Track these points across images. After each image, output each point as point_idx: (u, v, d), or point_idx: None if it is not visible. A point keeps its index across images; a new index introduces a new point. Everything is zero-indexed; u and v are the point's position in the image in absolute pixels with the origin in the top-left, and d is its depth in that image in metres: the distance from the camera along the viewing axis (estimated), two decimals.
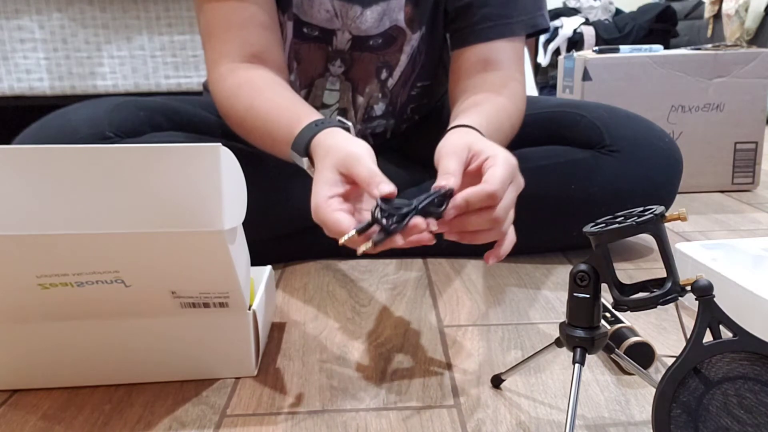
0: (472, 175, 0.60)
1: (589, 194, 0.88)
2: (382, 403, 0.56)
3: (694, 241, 0.79)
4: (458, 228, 0.57)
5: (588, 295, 0.47)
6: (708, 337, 0.41)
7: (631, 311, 0.46)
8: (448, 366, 0.62)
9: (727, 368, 0.41)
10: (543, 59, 3.22)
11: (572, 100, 1.01)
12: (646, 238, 1.00)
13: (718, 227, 1.07)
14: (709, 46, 1.37)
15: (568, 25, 3.16)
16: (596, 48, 1.39)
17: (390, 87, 0.94)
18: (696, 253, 0.75)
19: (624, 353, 0.59)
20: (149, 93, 1.48)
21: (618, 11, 3.32)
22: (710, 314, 0.41)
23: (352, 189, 0.59)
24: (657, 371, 0.60)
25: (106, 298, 0.55)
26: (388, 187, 0.57)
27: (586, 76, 1.29)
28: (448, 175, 0.56)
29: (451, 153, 0.59)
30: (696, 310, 0.42)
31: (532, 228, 0.92)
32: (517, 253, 0.94)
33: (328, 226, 0.58)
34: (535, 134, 0.95)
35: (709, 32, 3.11)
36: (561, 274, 0.87)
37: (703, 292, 0.41)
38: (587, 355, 0.48)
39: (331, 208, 0.57)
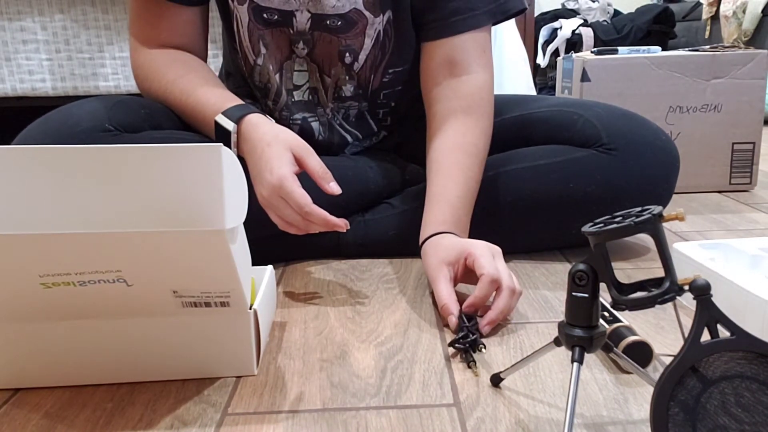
0: (465, 273, 0.75)
1: (587, 193, 0.88)
2: (382, 402, 0.57)
3: (692, 241, 0.79)
4: (498, 321, 0.70)
5: (586, 295, 0.48)
6: (706, 336, 0.42)
7: (629, 310, 0.46)
8: (448, 365, 0.63)
9: (725, 367, 0.42)
10: (542, 60, 3.22)
11: (569, 99, 1.02)
12: (644, 238, 1.01)
13: (716, 227, 1.08)
14: (707, 47, 1.38)
15: (566, 27, 3.17)
16: (594, 49, 1.39)
17: (356, 70, 0.95)
18: (694, 252, 0.76)
19: (622, 352, 0.59)
20: None
21: (616, 13, 3.33)
22: (708, 313, 0.42)
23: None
24: (655, 370, 0.60)
25: (108, 297, 0.56)
26: (337, 187, 0.75)
27: (584, 77, 1.29)
28: (452, 316, 0.69)
29: (439, 278, 0.73)
30: (694, 309, 0.42)
31: (531, 227, 0.93)
32: (516, 253, 0.95)
33: (294, 198, 0.72)
34: (533, 133, 0.96)
35: (707, 33, 3.11)
36: (559, 273, 0.87)
37: (701, 292, 0.42)
38: (586, 354, 0.48)
39: (297, 183, 0.73)
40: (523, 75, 2.46)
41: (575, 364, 0.48)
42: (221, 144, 0.48)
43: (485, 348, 0.65)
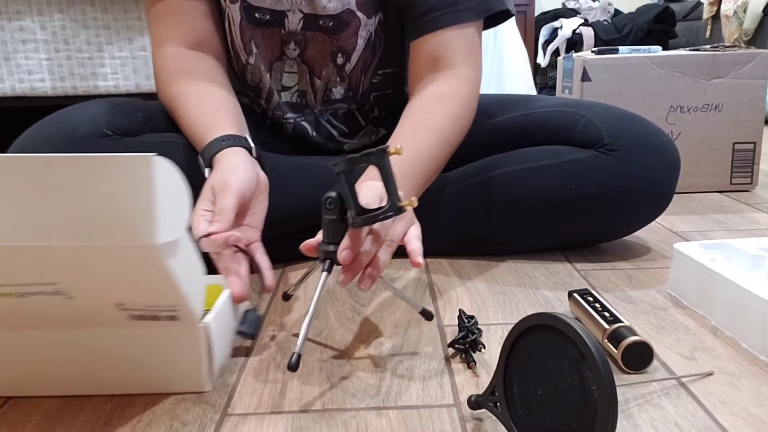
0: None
1: (589, 194, 0.88)
2: (382, 403, 0.56)
3: (693, 241, 0.79)
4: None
5: (335, 217, 0.59)
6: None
7: (362, 225, 0.58)
8: (448, 365, 0.63)
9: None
10: (542, 60, 3.22)
11: (571, 99, 1.02)
12: (646, 239, 1.00)
13: (717, 227, 1.08)
14: (708, 47, 1.38)
15: (567, 26, 3.17)
16: (595, 49, 1.39)
17: (348, 71, 0.94)
18: (694, 253, 0.75)
19: (622, 353, 0.59)
20: (150, 94, 1.48)
21: (617, 12, 3.33)
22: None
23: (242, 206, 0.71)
24: (656, 370, 0.60)
25: (48, 309, 0.54)
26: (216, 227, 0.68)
27: (585, 77, 1.29)
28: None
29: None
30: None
31: (532, 228, 0.93)
32: (517, 253, 0.95)
33: (192, 226, 0.68)
34: (534, 134, 0.95)
35: (708, 33, 3.11)
36: (560, 273, 0.87)
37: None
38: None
39: (197, 216, 0.69)
40: (524, 75, 2.46)
41: (324, 273, 0.60)
42: (155, 154, 0.45)
43: (485, 348, 0.65)
